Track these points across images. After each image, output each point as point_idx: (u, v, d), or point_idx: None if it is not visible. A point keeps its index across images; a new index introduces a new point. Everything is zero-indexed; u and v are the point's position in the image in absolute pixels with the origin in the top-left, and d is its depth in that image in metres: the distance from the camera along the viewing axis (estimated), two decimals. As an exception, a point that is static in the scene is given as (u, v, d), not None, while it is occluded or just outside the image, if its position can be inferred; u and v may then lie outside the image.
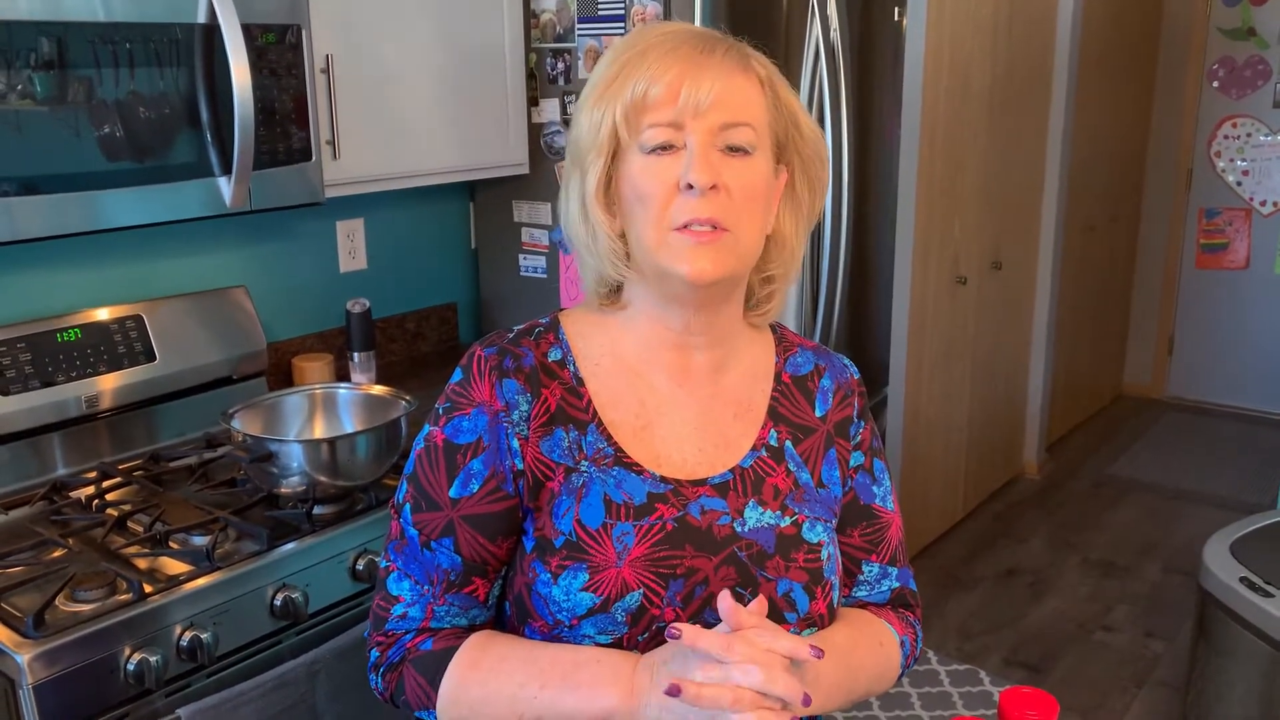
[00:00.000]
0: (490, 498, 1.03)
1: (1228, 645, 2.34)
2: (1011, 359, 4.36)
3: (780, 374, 1.14)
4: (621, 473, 1.04)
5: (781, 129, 1.04)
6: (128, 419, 2.08)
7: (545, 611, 1.01)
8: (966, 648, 3.28)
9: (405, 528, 1.06)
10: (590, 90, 1.04)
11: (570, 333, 1.10)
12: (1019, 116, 4.02)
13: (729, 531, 1.03)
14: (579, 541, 1.01)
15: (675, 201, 0.98)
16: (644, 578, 0.99)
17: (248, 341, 2.24)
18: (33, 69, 1.62)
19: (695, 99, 0.97)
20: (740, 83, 1.00)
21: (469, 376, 1.06)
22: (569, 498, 1.02)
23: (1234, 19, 5.05)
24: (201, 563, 1.66)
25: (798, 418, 1.12)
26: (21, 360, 1.91)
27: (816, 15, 2.56)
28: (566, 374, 1.07)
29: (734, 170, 0.99)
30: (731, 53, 1.01)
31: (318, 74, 2.04)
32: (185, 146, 1.83)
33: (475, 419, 1.04)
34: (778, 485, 1.08)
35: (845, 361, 1.20)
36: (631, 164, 1.00)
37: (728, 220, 0.98)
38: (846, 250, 2.75)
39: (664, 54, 0.99)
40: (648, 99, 0.98)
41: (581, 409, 1.05)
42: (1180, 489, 4.47)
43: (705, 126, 0.98)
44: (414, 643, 1.05)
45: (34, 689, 1.44)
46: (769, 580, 1.03)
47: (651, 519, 1.02)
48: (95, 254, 2.10)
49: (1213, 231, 5.27)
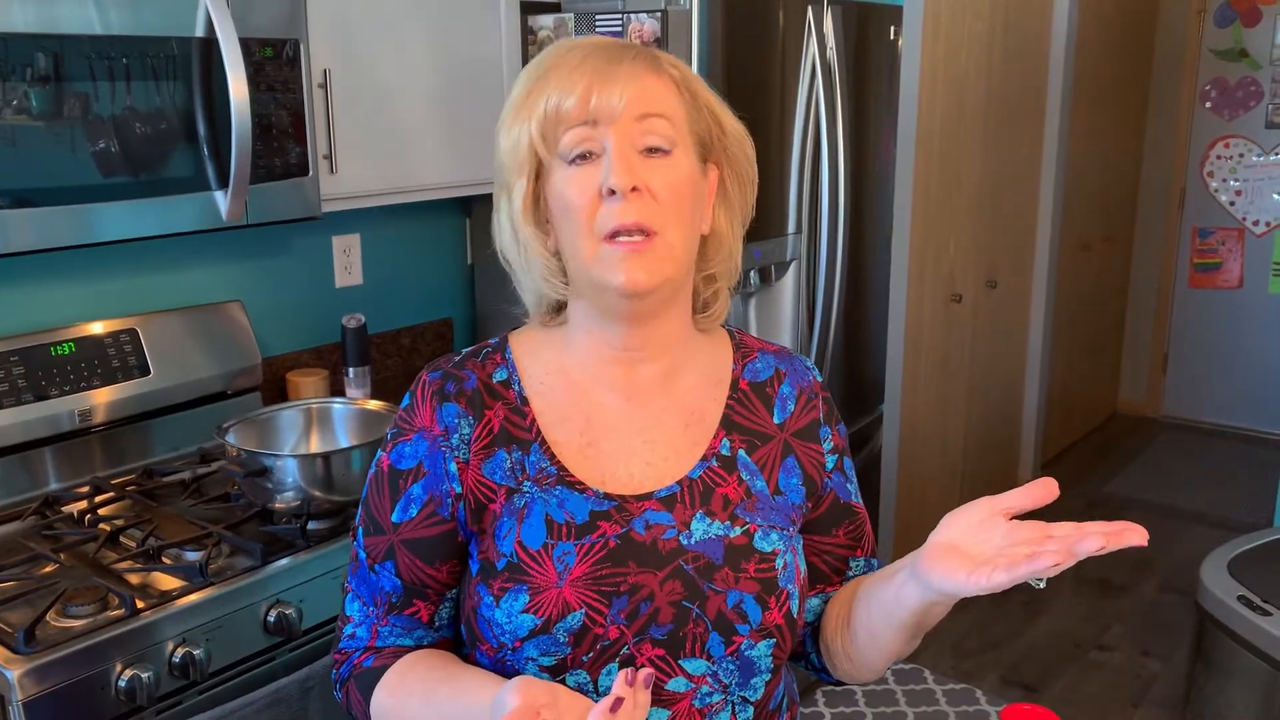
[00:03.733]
0: (427, 522, 1.04)
1: (1226, 664, 2.33)
2: (1007, 377, 4.37)
3: (737, 380, 1.12)
4: (564, 492, 1.03)
5: (703, 128, 1.04)
6: (121, 433, 2.07)
7: (490, 634, 1.01)
8: (962, 666, 3.27)
9: (358, 550, 1.08)
10: (505, 112, 1.04)
11: (517, 352, 1.10)
12: (1013, 135, 4.04)
13: (674, 545, 1.02)
14: (520, 563, 1.00)
15: (601, 210, 0.97)
16: (586, 597, 0.98)
17: (242, 356, 2.24)
18: (29, 83, 1.62)
19: (608, 102, 0.97)
20: (652, 83, 1.00)
21: (414, 402, 1.07)
22: (510, 519, 1.02)
23: (1226, 40, 5.08)
24: (195, 578, 1.65)
25: (754, 424, 1.11)
26: (15, 374, 1.90)
27: (813, 34, 2.56)
28: (511, 394, 1.07)
29: (655, 171, 0.98)
30: (641, 58, 1.01)
31: (315, 88, 2.04)
32: (182, 160, 1.83)
33: (416, 444, 1.05)
34: (728, 495, 1.06)
35: (807, 364, 1.19)
36: (555, 178, 1.00)
37: (655, 223, 0.98)
38: (842, 267, 2.75)
39: (572, 68, 0.99)
40: (560, 111, 0.98)
41: (525, 428, 1.05)
42: (1175, 508, 4.46)
43: (621, 128, 0.98)
44: (359, 660, 1.08)
45: (24, 705, 1.43)
46: (717, 592, 1.01)
47: (593, 537, 1.01)
48: (90, 268, 2.09)
49: (1206, 251, 5.29)
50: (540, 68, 1.02)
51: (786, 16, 2.51)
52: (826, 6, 2.60)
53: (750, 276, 2.62)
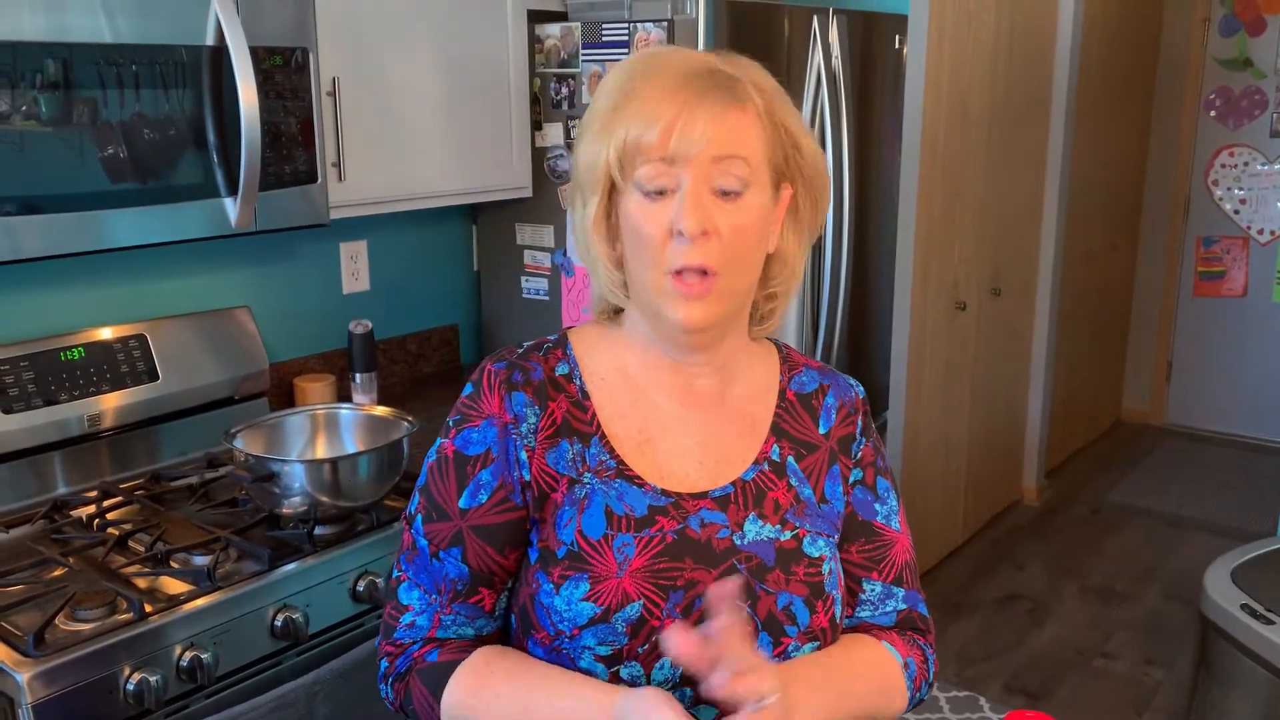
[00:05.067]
0: (498, 508, 1.05)
1: (1229, 673, 2.33)
2: (1010, 384, 4.37)
3: (785, 391, 1.15)
4: (623, 485, 1.05)
5: (780, 153, 1.04)
6: (129, 438, 2.08)
7: (547, 622, 1.02)
8: (966, 674, 3.27)
9: (416, 538, 1.08)
10: (588, 123, 1.05)
11: (578, 348, 1.12)
12: (1018, 144, 4.05)
13: (728, 544, 1.04)
14: (580, 552, 1.02)
15: (670, 246, 1.00)
16: (644, 589, 1.00)
17: (250, 362, 2.25)
18: (39, 90, 1.63)
19: (687, 143, 0.98)
20: (734, 120, 1.00)
21: (479, 390, 1.08)
22: (571, 508, 1.04)
23: (1230, 49, 5.09)
24: (202, 582, 1.66)
25: (801, 434, 1.14)
26: (25, 379, 1.91)
27: (819, 42, 2.58)
28: (573, 387, 1.09)
29: (726, 214, 0.99)
30: (725, 88, 1.00)
31: (324, 96, 2.06)
32: (191, 167, 1.84)
33: (485, 431, 1.06)
34: (778, 499, 1.09)
35: (851, 381, 1.21)
36: (629, 202, 1.02)
37: (718, 265, 1.00)
38: (847, 274, 2.76)
39: (658, 98, 0.99)
40: (640, 144, 0.99)
41: (586, 421, 1.07)
42: (1179, 516, 4.46)
43: (698, 168, 0.99)
44: (420, 653, 1.07)
45: (33, 708, 1.44)
46: (769, 593, 1.03)
47: (651, 531, 1.03)
48: (100, 273, 2.10)
49: (1210, 259, 5.29)
50: (627, 84, 1.02)
51: (792, 25, 2.52)
52: (832, 16, 2.62)
53: (755, 284, 2.63)
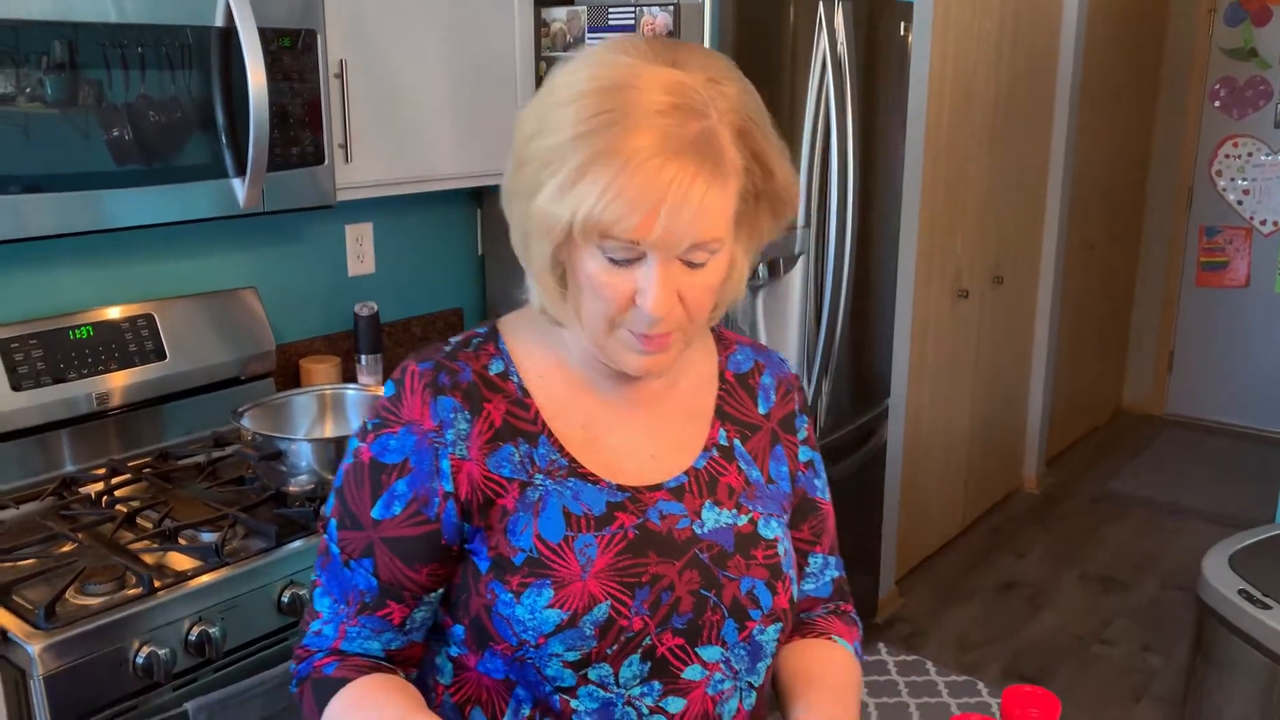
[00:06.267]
0: (411, 521, 1.00)
1: (1226, 657, 2.35)
2: (1012, 373, 4.39)
3: (723, 373, 1.14)
4: (578, 483, 1.01)
5: (752, 184, 0.96)
6: (137, 416, 2.10)
7: (509, 633, 0.98)
8: (964, 659, 3.29)
9: (330, 544, 1.03)
10: (544, 160, 0.92)
11: (511, 342, 1.06)
12: (1022, 133, 4.05)
13: (689, 534, 1.03)
14: (540, 557, 0.98)
15: (631, 312, 0.94)
16: (610, 588, 0.98)
17: (256, 342, 2.26)
18: (46, 71, 1.64)
19: (667, 243, 0.90)
20: (715, 200, 0.91)
21: (400, 393, 1.01)
22: (526, 513, 0.99)
23: (1236, 39, 5.09)
24: (210, 559, 1.68)
25: (743, 415, 1.12)
26: (34, 356, 1.93)
27: (824, 30, 2.58)
28: (510, 386, 1.03)
29: (692, 281, 0.94)
30: (711, 162, 0.90)
31: (331, 79, 2.07)
32: (199, 148, 1.85)
33: (403, 439, 1.00)
34: (731, 484, 1.08)
35: (780, 357, 1.20)
36: (589, 262, 0.93)
37: (680, 325, 0.96)
38: (850, 261, 2.77)
39: (641, 180, 0.88)
40: (615, 230, 0.89)
41: (530, 420, 1.03)
42: (1179, 505, 4.48)
43: (671, 254, 0.92)
44: (321, 663, 1.03)
45: (44, 679, 1.46)
46: (731, 580, 1.03)
47: (612, 528, 1.00)
48: (108, 253, 2.12)
49: (1213, 250, 5.30)
50: (596, 133, 0.89)
51: (797, 12, 2.53)
52: (837, 3, 2.62)
53: (758, 270, 2.64)
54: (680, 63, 0.93)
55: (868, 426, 3.14)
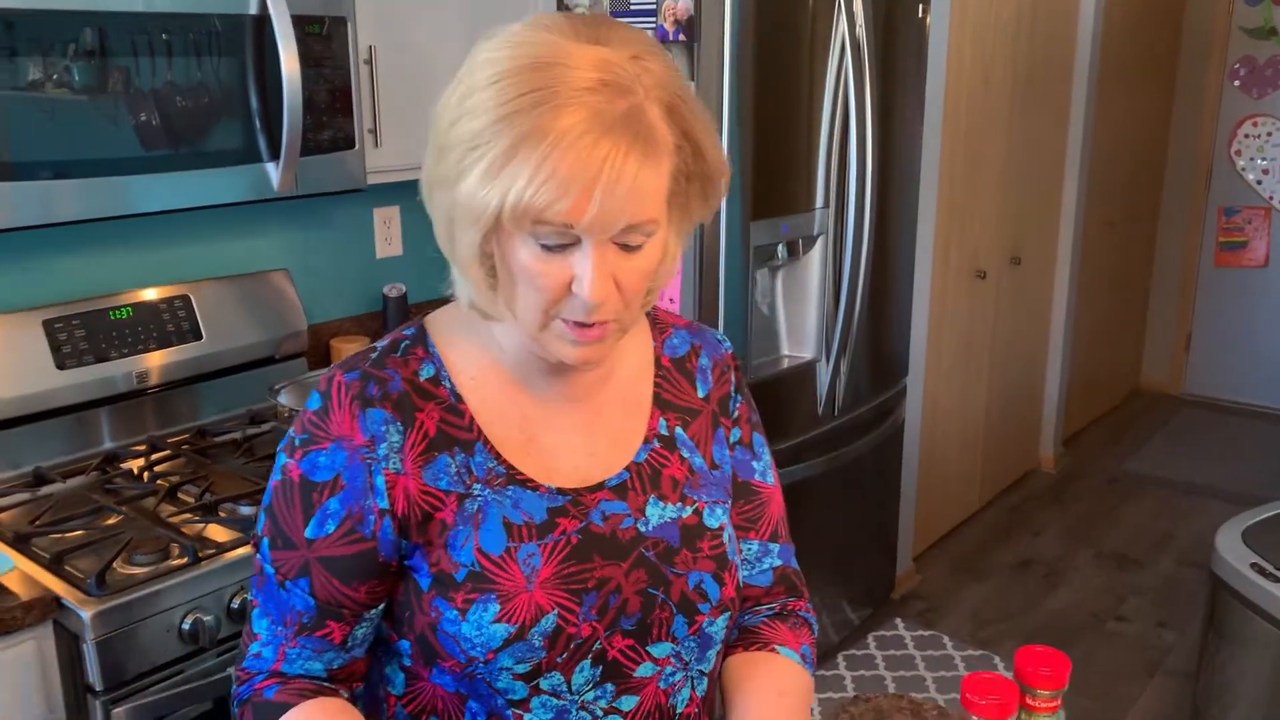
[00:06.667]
0: (346, 539, 0.95)
1: (1238, 631, 2.39)
2: (1029, 353, 4.41)
3: (660, 359, 1.10)
4: (517, 491, 0.98)
5: (684, 164, 0.93)
6: (174, 395, 2.16)
7: (456, 650, 0.95)
8: (981, 635, 3.34)
9: (264, 564, 0.99)
10: (468, 145, 0.88)
11: (440, 344, 1.02)
12: (1040, 113, 4.07)
13: (633, 533, 1.00)
14: (483, 571, 0.95)
15: (566, 301, 0.90)
16: (556, 597, 0.95)
17: (289, 323, 2.32)
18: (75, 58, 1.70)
19: (602, 224, 0.86)
20: (648, 180, 0.88)
21: (328, 406, 0.96)
22: (465, 526, 0.96)
23: (1256, 18, 5.07)
24: (249, 531, 1.74)
25: (682, 401, 1.09)
26: (77, 336, 1.99)
27: (843, 12, 2.61)
28: (442, 392, 0.99)
29: (629, 266, 0.91)
30: (643, 142, 0.86)
31: (361, 65, 2.12)
32: (234, 133, 1.91)
33: (333, 455, 0.95)
34: (675, 476, 1.05)
35: (719, 336, 1.16)
36: (520, 250, 0.89)
37: (616, 313, 0.93)
38: (868, 242, 2.80)
39: (571, 161, 0.84)
40: (547, 214, 0.85)
41: (465, 428, 0.98)
42: (1195, 484, 4.50)
43: (606, 237, 0.88)
44: (261, 685, 0.99)
45: (96, 644, 1.53)
46: (679, 575, 1.01)
47: (555, 535, 0.97)
48: (147, 236, 2.18)
49: (1232, 230, 5.30)
50: (522, 114, 0.85)
51: (817, -5, 2.56)
52: (856, -15, 2.65)
53: (777, 250, 2.68)
54: (604, 39, 0.89)
55: (885, 405, 3.18)
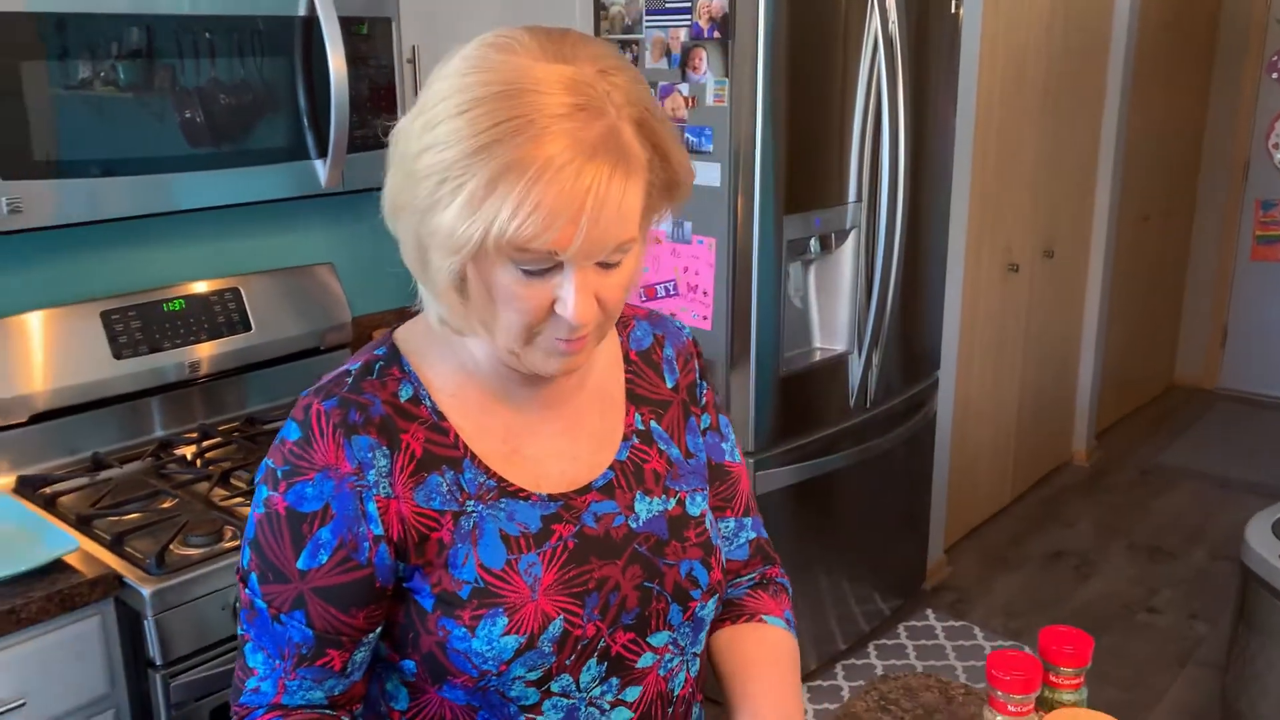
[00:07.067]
0: (341, 568, 0.94)
1: (1267, 622, 2.41)
2: (1062, 347, 4.42)
3: (628, 354, 1.12)
4: (510, 503, 0.99)
5: (654, 175, 0.92)
6: (223, 384, 2.23)
7: (468, 666, 0.95)
8: (1011, 625, 3.36)
9: (253, 598, 0.97)
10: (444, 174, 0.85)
11: (415, 362, 1.01)
12: (1073, 106, 4.07)
13: (625, 530, 1.03)
14: (488, 586, 0.96)
15: (548, 323, 0.91)
16: (560, 603, 0.97)
17: (334, 315, 2.39)
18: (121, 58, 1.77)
19: (586, 253, 0.87)
20: (630, 197, 0.88)
21: (309, 436, 0.95)
22: (464, 543, 0.96)
23: (1294, 10, 5.03)
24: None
25: (654, 394, 1.12)
26: (133, 327, 2.07)
27: (875, 7, 2.64)
28: (423, 411, 0.98)
29: (610, 282, 0.91)
30: (621, 163, 0.86)
31: (404, 64, 2.18)
32: (282, 131, 1.98)
33: (320, 485, 0.94)
34: (656, 470, 1.08)
35: (678, 324, 1.18)
36: (502, 275, 0.88)
37: (597, 324, 0.94)
38: (901, 236, 2.83)
39: (554, 194, 0.83)
40: (531, 246, 0.85)
41: (451, 445, 0.98)
42: (1228, 478, 4.49)
43: (590, 262, 0.89)
44: (263, 718, 0.99)
45: (156, 620, 1.60)
46: (671, 566, 1.04)
47: (552, 542, 0.99)
48: (198, 231, 2.25)
49: (1269, 223, 5.26)
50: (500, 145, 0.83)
51: (850, -9, 2.59)
52: (889, -19, 2.68)
53: (810, 244, 2.72)
54: (569, 56, 0.88)
55: (917, 398, 3.21)
